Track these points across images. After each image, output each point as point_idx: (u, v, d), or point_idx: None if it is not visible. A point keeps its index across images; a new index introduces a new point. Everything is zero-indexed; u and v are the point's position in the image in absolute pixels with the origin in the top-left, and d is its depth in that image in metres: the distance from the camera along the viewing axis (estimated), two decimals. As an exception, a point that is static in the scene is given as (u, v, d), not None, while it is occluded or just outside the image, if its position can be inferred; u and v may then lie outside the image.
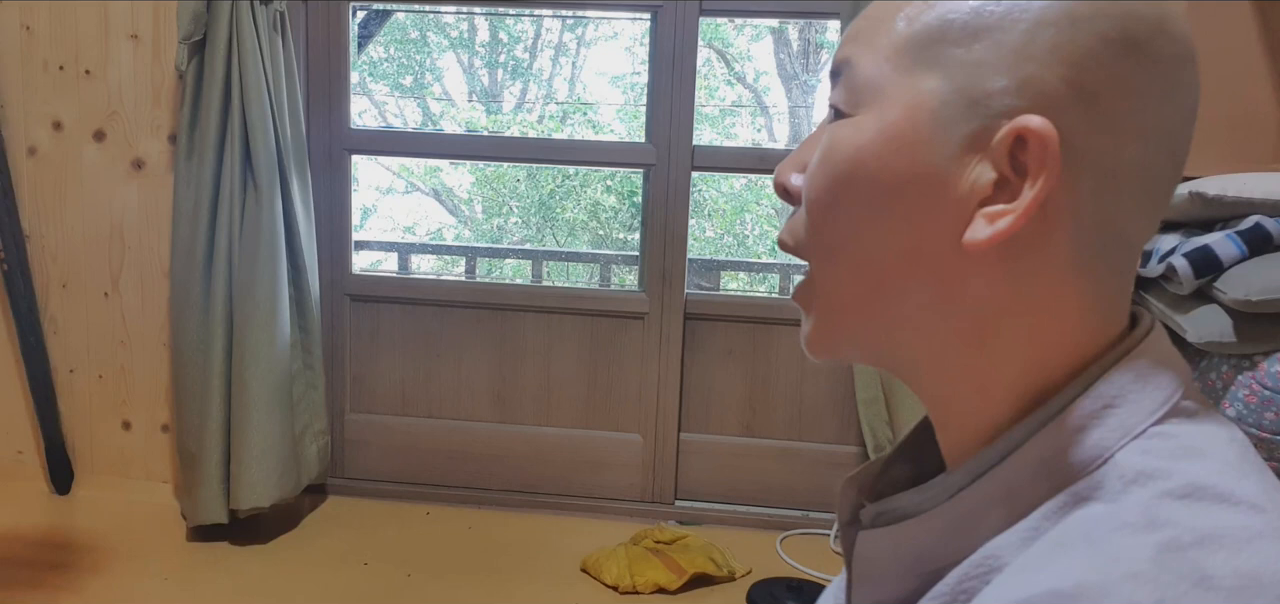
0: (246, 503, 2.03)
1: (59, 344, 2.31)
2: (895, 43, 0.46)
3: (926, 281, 0.46)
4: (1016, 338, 0.45)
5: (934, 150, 0.45)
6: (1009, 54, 0.43)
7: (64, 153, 2.23)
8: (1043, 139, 0.42)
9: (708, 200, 7.03)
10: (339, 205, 2.31)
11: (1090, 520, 0.40)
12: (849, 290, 0.49)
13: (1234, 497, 0.39)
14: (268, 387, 2.05)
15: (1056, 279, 0.45)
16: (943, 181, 0.45)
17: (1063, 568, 0.38)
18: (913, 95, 0.45)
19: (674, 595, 1.92)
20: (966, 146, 0.44)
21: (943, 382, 0.48)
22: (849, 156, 0.47)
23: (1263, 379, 1.24)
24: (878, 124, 0.46)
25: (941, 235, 0.45)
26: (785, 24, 6.69)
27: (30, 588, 1.87)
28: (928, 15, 0.46)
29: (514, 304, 2.33)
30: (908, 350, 0.49)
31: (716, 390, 2.31)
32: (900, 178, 0.46)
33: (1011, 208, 0.43)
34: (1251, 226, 1.33)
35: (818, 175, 0.49)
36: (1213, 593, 0.35)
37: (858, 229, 0.47)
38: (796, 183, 0.52)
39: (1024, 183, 0.43)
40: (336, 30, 2.24)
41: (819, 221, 0.49)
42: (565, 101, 7.57)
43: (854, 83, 0.48)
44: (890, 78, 0.46)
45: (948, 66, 0.45)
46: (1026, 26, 0.43)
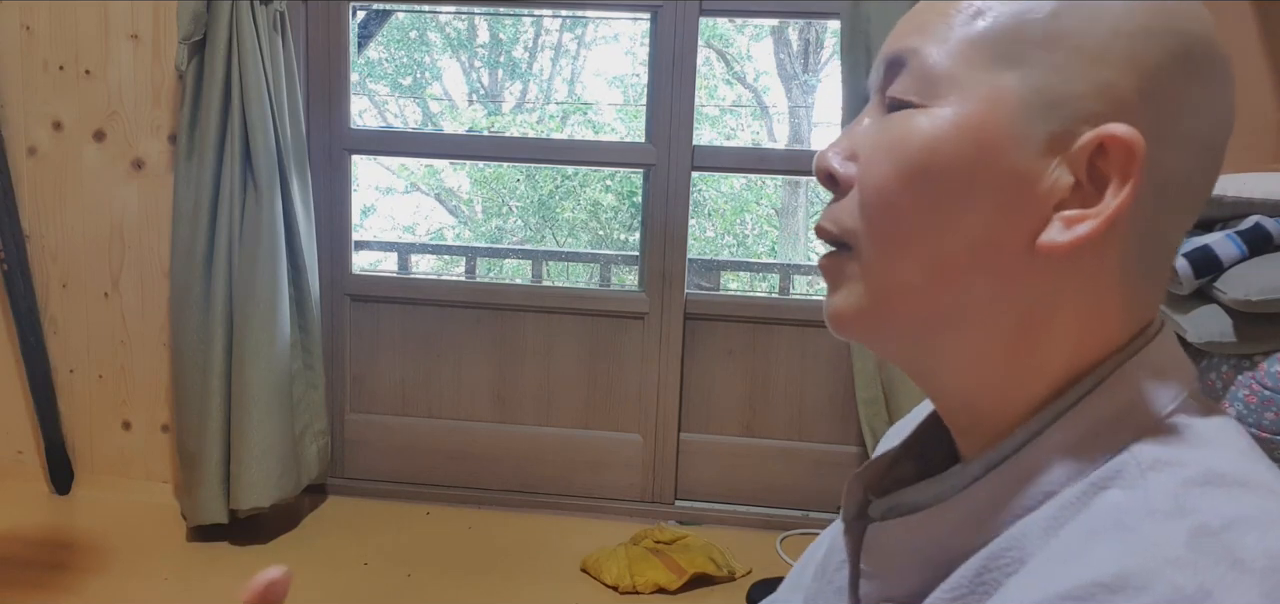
0: (246, 503, 2.03)
1: (59, 344, 2.31)
2: (970, 36, 0.46)
3: (990, 276, 0.46)
4: (1059, 337, 0.46)
5: (1014, 147, 0.44)
6: (1088, 59, 0.44)
7: (64, 153, 2.23)
8: (1130, 148, 0.43)
9: (708, 200, 7.03)
10: (339, 205, 2.31)
11: (1119, 508, 0.41)
12: (909, 278, 0.48)
13: (1251, 482, 0.41)
14: (268, 387, 2.05)
15: (1107, 283, 0.46)
16: (1021, 179, 0.45)
17: (1100, 557, 0.38)
18: (992, 90, 0.45)
19: (674, 595, 1.92)
20: (1047, 147, 0.44)
21: (977, 376, 0.48)
22: (923, 146, 0.46)
23: (1263, 379, 1.24)
24: (955, 116, 0.45)
25: (1014, 233, 0.45)
26: (785, 24, 6.69)
27: (30, 588, 1.87)
28: (1004, 10, 0.46)
29: (514, 304, 2.33)
30: (948, 345, 0.49)
31: (716, 390, 2.31)
32: (977, 171, 0.45)
33: (1092, 213, 0.44)
34: (1251, 227, 1.33)
35: (884, 163, 0.47)
36: (1248, 574, 0.36)
37: (926, 219, 0.46)
38: (844, 170, 0.50)
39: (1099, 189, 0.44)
40: (336, 30, 2.24)
41: (881, 210, 0.48)
42: (565, 102, 7.57)
43: (925, 74, 0.47)
44: (966, 71, 0.46)
45: (1027, 65, 0.44)
46: (1104, 33, 0.44)
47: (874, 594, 0.51)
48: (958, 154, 0.45)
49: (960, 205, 0.45)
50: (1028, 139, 0.44)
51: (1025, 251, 0.45)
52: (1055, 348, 0.46)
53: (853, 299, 0.50)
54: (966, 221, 0.46)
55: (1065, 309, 0.46)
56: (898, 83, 0.48)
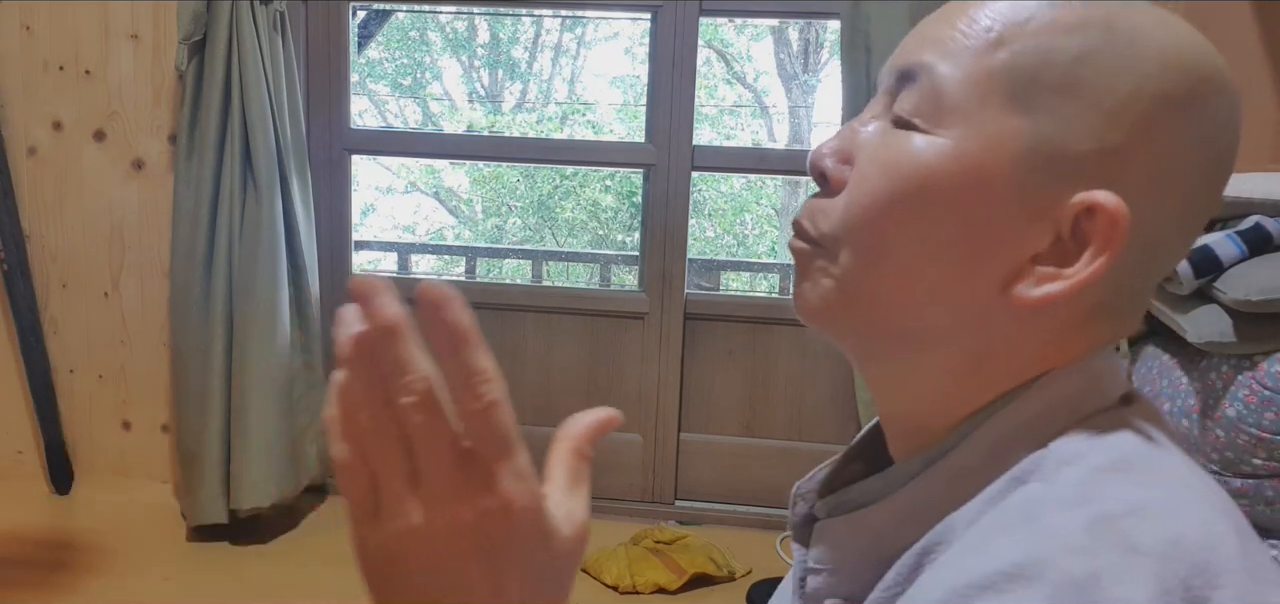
0: (246, 503, 2.03)
1: (59, 344, 2.31)
2: (987, 68, 0.45)
3: (954, 312, 0.47)
4: (1013, 364, 0.47)
5: (1005, 196, 0.44)
6: (1100, 118, 0.43)
7: (64, 153, 2.22)
8: (1115, 219, 0.42)
9: (708, 200, 7.03)
10: (339, 205, 2.31)
11: (1029, 500, 0.42)
12: (876, 291, 0.48)
13: (1160, 470, 0.42)
14: (268, 387, 2.05)
15: (1075, 328, 0.46)
16: (1006, 225, 0.45)
17: (1004, 547, 0.39)
18: (996, 133, 0.44)
19: (674, 595, 1.92)
20: (1036, 199, 0.44)
21: (927, 394, 0.49)
22: (918, 174, 0.46)
23: (1263, 379, 1.24)
24: (956, 151, 0.45)
25: (988, 276, 0.45)
26: (785, 24, 6.69)
27: (30, 588, 1.87)
28: (1027, 46, 0.44)
29: (514, 304, 2.33)
30: (908, 361, 0.49)
31: (716, 390, 2.31)
32: (965, 213, 0.45)
33: (1066, 274, 0.44)
34: (1251, 227, 1.33)
35: (877, 179, 0.47)
36: (1142, 559, 0.37)
37: (908, 245, 0.46)
38: (838, 172, 0.50)
39: (1080, 248, 0.44)
40: (336, 30, 2.24)
41: (866, 225, 0.47)
42: (565, 102, 7.57)
43: (935, 96, 0.46)
44: (975, 105, 0.45)
45: (1038, 112, 0.44)
46: (1123, 95, 0.43)
47: (822, 590, 0.51)
48: (951, 189, 0.45)
49: (943, 238, 0.46)
50: (1022, 189, 0.44)
51: (996, 294, 0.45)
52: (1005, 372, 0.47)
53: (820, 293, 0.50)
54: (946, 255, 0.46)
55: (1026, 348, 0.46)
56: (906, 98, 0.47)
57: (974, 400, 0.47)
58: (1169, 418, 1.36)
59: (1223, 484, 1.29)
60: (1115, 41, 0.43)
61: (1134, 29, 0.44)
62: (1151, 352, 1.47)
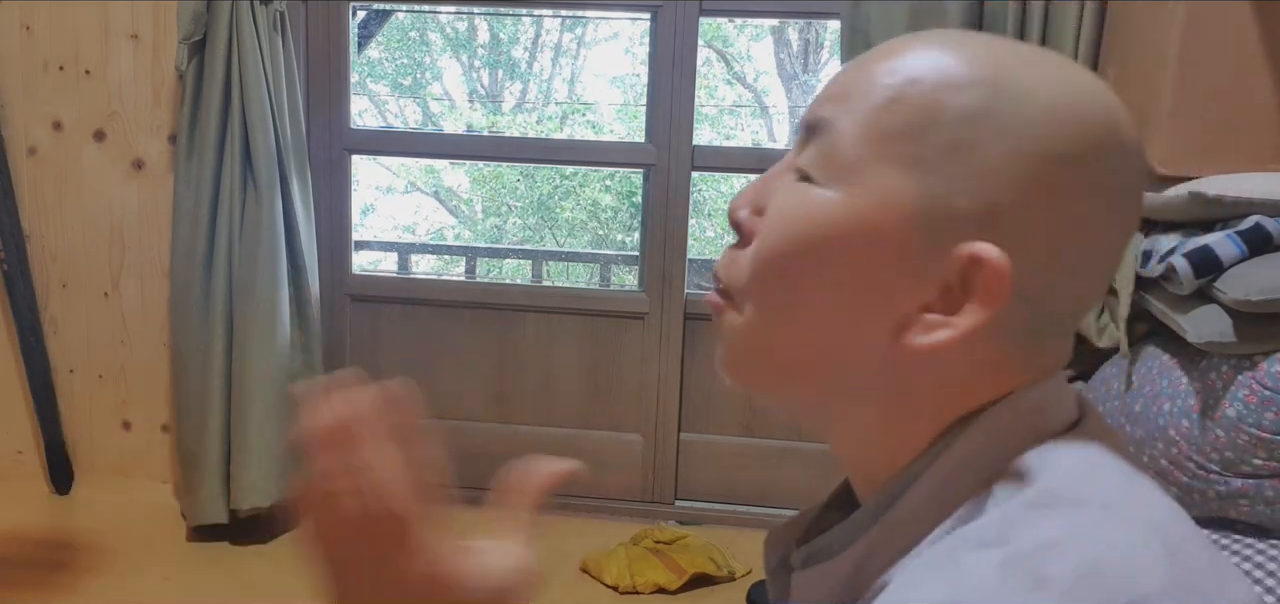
0: (246, 503, 2.03)
1: (59, 344, 2.31)
2: (880, 126, 0.46)
3: (855, 361, 0.48)
4: (930, 407, 0.47)
5: (894, 250, 0.45)
6: (985, 175, 0.44)
7: (64, 153, 2.22)
8: (997, 272, 0.43)
9: (708, 200, 7.03)
10: (339, 205, 2.31)
11: (954, 543, 0.42)
12: (779, 348, 0.50)
13: (1083, 497, 0.42)
14: (268, 387, 2.05)
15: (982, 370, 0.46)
16: (895, 278, 0.46)
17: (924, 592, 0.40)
18: (885, 191, 0.45)
19: (674, 595, 1.92)
20: (924, 253, 0.45)
21: (856, 440, 0.50)
22: (814, 230, 0.47)
23: (1263, 379, 1.24)
24: (848, 208, 0.46)
25: (881, 325, 0.46)
26: (785, 24, 6.69)
27: (30, 588, 1.87)
28: (916, 104, 0.45)
29: (514, 304, 2.33)
30: (821, 409, 0.51)
31: (716, 390, 2.31)
32: (855, 266, 0.46)
33: (952, 323, 0.45)
34: (1251, 227, 1.33)
35: (777, 236, 0.49)
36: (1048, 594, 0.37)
37: (804, 298, 0.48)
38: (749, 223, 0.51)
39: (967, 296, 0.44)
40: (336, 30, 2.24)
41: (768, 278, 0.49)
42: (565, 102, 7.57)
43: (831, 153, 0.47)
44: (868, 163, 0.46)
45: (924, 171, 0.45)
46: (1007, 151, 0.44)
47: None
48: (841, 243, 0.46)
49: (835, 292, 0.47)
50: (909, 243, 0.45)
51: (889, 343, 0.46)
52: (928, 414, 0.47)
53: (732, 356, 0.52)
54: (839, 307, 0.47)
55: (933, 388, 0.47)
56: (807, 152, 0.49)
57: (912, 444, 0.48)
58: (1169, 429, 1.36)
59: (1223, 484, 1.29)
60: (1001, 101, 0.44)
61: (1021, 87, 0.45)
62: (1151, 352, 1.47)
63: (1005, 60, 0.46)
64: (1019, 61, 0.46)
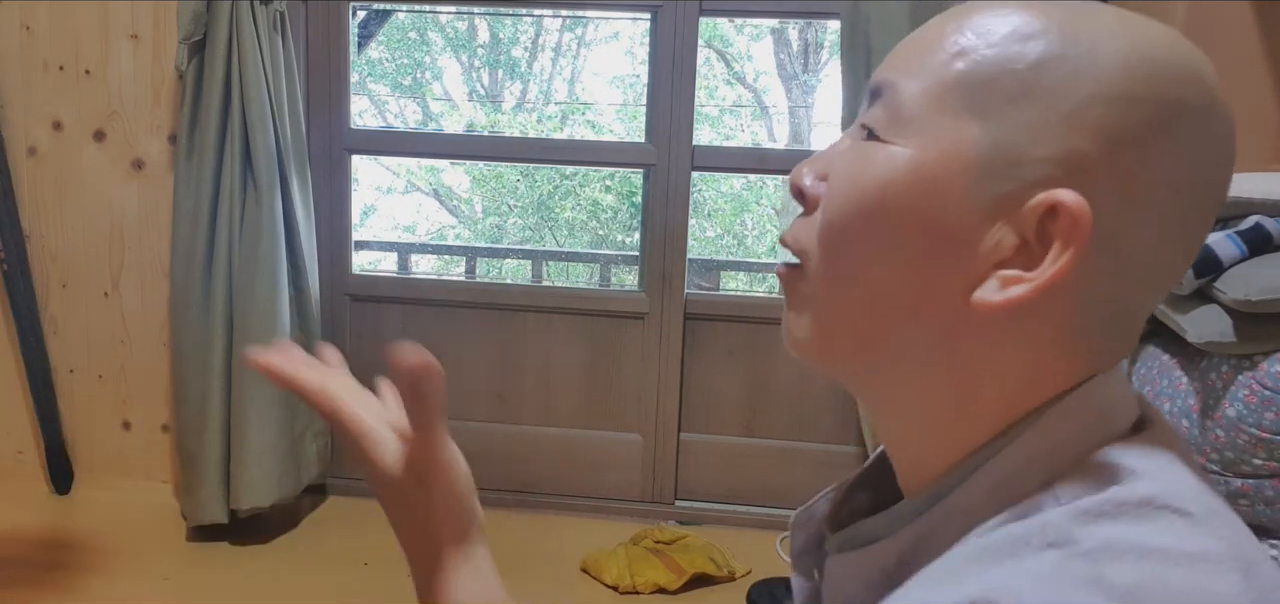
0: (246, 503, 2.03)
1: (59, 344, 2.31)
2: (945, 79, 0.45)
3: (927, 326, 0.46)
4: (997, 388, 0.46)
5: (963, 202, 0.44)
6: (1058, 122, 0.43)
7: (64, 153, 2.22)
8: (1076, 217, 0.42)
9: (708, 200, 7.03)
10: (339, 205, 2.31)
11: (1012, 537, 0.41)
12: (850, 315, 0.48)
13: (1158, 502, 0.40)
14: (268, 387, 2.04)
15: (1054, 347, 0.45)
16: (966, 234, 0.44)
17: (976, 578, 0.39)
18: (952, 140, 0.44)
19: (674, 595, 1.92)
20: (996, 205, 0.44)
21: (917, 418, 0.49)
22: (877, 187, 0.46)
23: (1263, 379, 1.24)
24: (912, 161, 0.45)
25: (953, 286, 0.45)
26: (785, 24, 6.69)
27: (30, 588, 1.87)
28: (985, 55, 0.44)
29: (514, 304, 2.33)
30: (888, 385, 0.49)
31: (716, 390, 2.31)
32: (924, 221, 0.45)
33: (1029, 277, 0.43)
34: (1251, 227, 1.33)
35: (842, 196, 0.48)
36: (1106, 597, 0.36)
37: (873, 259, 0.46)
38: (814, 189, 0.50)
39: (1046, 252, 0.43)
40: (336, 30, 2.24)
41: (834, 241, 0.48)
42: (565, 102, 7.57)
43: (895, 108, 0.46)
44: (933, 114, 0.45)
45: (993, 119, 0.44)
46: (1082, 98, 0.42)
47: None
48: (908, 201, 0.45)
49: (904, 252, 0.45)
50: (978, 195, 0.44)
51: (963, 305, 0.45)
52: (993, 398, 0.46)
53: (802, 328, 0.51)
54: (908, 268, 0.46)
55: (1003, 363, 0.45)
56: (872, 112, 0.48)
57: (972, 435, 0.46)
58: (1173, 423, 1.36)
59: (1223, 484, 1.29)
60: (1075, 47, 0.43)
61: (1096, 35, 0.43)
62: (1151, 352, 1.47)
63: (1078, 11, 0.44)
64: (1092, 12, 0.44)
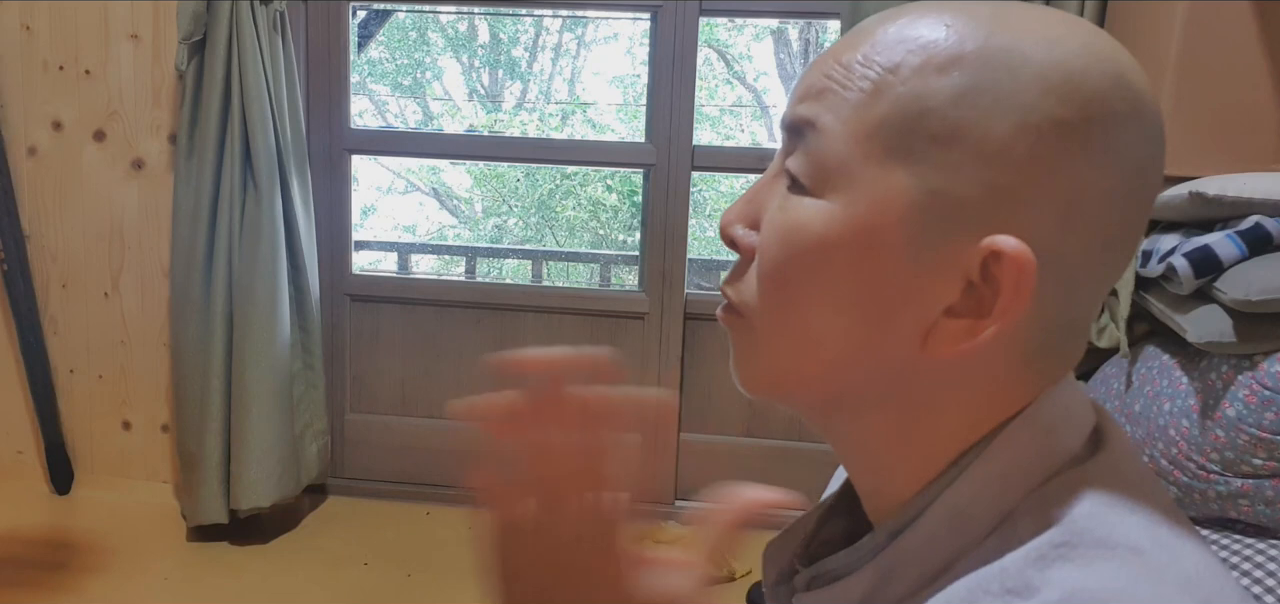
0: (246, 503, 2.03)
1: (59, 344, 2.31)
2: (866, 122, 0.43)
3: (877, 373, 0.45)
4: (953, 420, 0.45)
5: (902, 254, 0.42)
6: (986, 161, 0.41)
7: (64, 153, 2.22)
8: (1019, 265, 0.40)
9: (708, 200, 7.03)
10: (339, 205, 2.31)
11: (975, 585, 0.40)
12: (795, 364, 0.47)
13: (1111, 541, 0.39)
14: (268, 387, 2.05)
15: (1006, 373, 0.44)
16: (909, 285, 0.43)
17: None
18: (882, 192, 0.42)
19: (674, 595, 1.92)
20: (936, 254, 0.42)
21: (870, 452, 0.48)
22: (811, 247, 0.44)
23: (1263, 379, 1.24)
24: (845, 217, 0.43)
25: (901, 334, 0.44)
26: (785, 24, 6.69)
27: (30, 588, 1.87)
28: (902, 94, 0.42)
29: (514, 304, 2.33)
30: (839, 423, 0.49)
31: (716, 390, 2.31)
32: (864, 278, 0.43)
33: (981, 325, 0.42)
34: (1251, 226, 1.33)
35: (776, 253, 0.46)
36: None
37: (814, 315, 0.45)
38: (746, 239, 0.49)
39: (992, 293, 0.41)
40: (336, 30, 2.24)
41: (772, 296, 0.46)
42: (565, 102, 7.57)
43: (819, 158, 0.44)
44: (859, 164, 0.43)
45: (921, 165, 0.42)
46: (1006, 131, 0.40)
47: None
48: (845, 257, 0.43)
49: (846, 306, 0.44)
50: (916, 245, 0.42)
51: (913, 350, 0.43)
52: (947, 430, 0.45)
53: (749, 370, 0.50)
54: (854, 320, 0.44)
55: (955, 398, 0.44)
56: (795, 158, 0.46)
57: (926, 467, 0.45)
58: (1169, 429, 1.36)
59: (1223, 484, 1.29)
60: (992, 74, 0.41)
61: (1013, 56, 0.41)
62: (1151, 351, 1.47)
63: (991, 26, 0.42)
64: (1007, 25, 0.42)
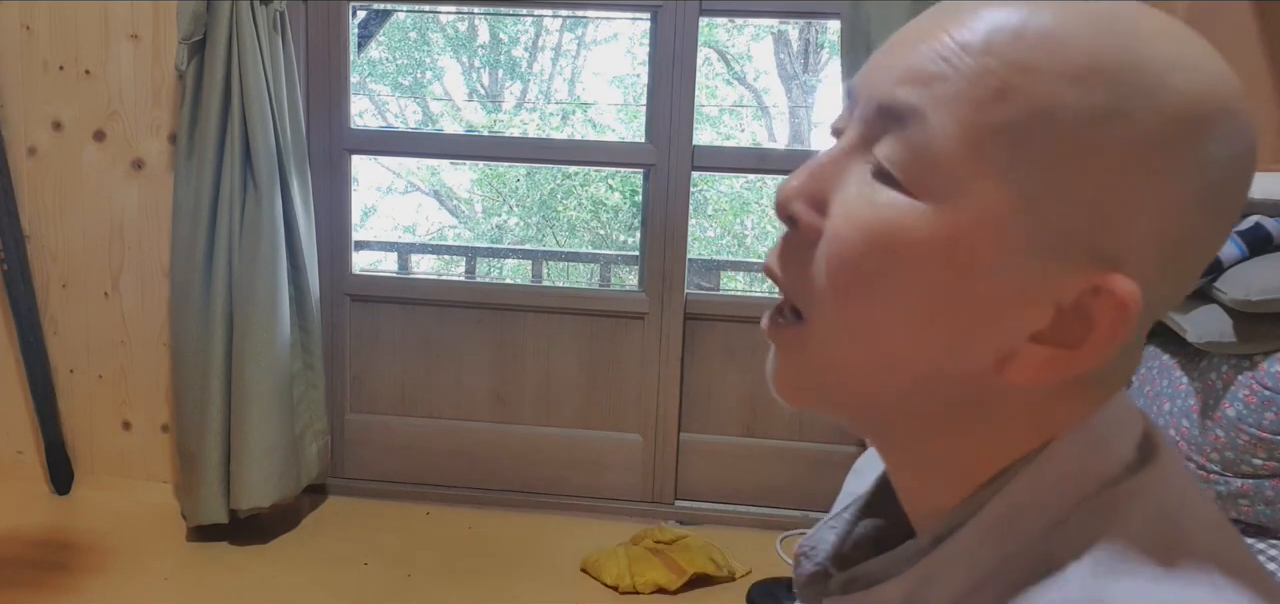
0: (246, 503, 2.03)
1: (59, 344, 2.31)
2: (985, 126, 0.38)
3: (942, 389, 0.43)
4: (1011, 434, 0.43)
5: (997, 274, 0.39)
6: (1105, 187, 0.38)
7: (64, 153, 2.22)
8: (1125, 305, 0.38)
9: (708, 200, 7.03)
10: (339, 205, 2.31)
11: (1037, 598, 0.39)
12: (854, 371, 0.44)
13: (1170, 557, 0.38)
14: (268, 387, 2.05)
15: (1072, 392, 0.42)
16: (997, 307, 0.40)
17: None
18: (989, 204, 0.39)
19: (674, 595, 1.92)
20: (1034, 279, 0.39)
21: (917, 460, 0.47)
22: (900, 247, 0.40)
23: (1263, 379, 1.23)
24: (943, 225, 0.39)
25: (978, 356, 0.41)
26: (785, 24, 6.69)
27: (30, 588, 1.87)
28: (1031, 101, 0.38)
29: (514, 304, 2.33)
30: (894, 432, 0.47)
31: (716, 390, 2.31)
32: (952, 293, 0.40)
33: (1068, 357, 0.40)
34: (1251, 226, 1.33)
35: (855, 247, 0.41)
36: None
37: (887, 322, 0.42)
38: (809, 219, 0.44)
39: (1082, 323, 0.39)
40: (336, 30, 2.24)
41: (843, 292, 0.42)
42: (565, 102, 7.57)
43: (922, 154, 0.40)
44: (969, 171, 0.39)
45: (1035, 182, 0.38)
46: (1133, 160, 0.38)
47: None
48: (938, 265, 0.40)
49: (930, 317, 0.41)
50: (1014, 266, 0.39)
51: (988, 372, 0.41)
52: (1005, 441, 0.43)
53: (794, 372, 0.46)
54: (934, 335, 0.41)
55: (1019, 414, 0.43)
56: (890, 145, 0.41)
57: (977, 473, 0.44)
58: (1169, 429, 1.36)
59: (1223, 484, 1.29)
60: (1128, 96, 0.37)
61: (1150, 75, 0.38)
62: (1152, 351, 1.47)
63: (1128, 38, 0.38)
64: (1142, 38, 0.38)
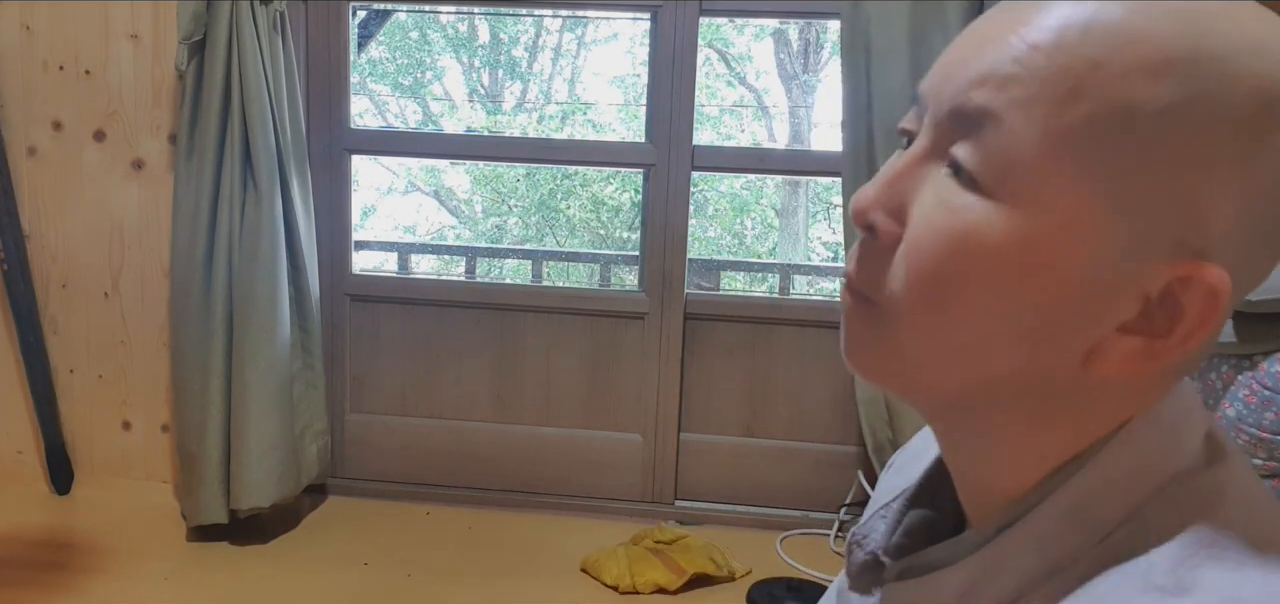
0: (246, 503, 2.03)
1: (59, 344, 2.31)
2: (1065, 128, 0.38)
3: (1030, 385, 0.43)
4: (1087, 424, 0.43)
5: (1082, 272, 0.39)
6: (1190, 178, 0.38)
7: (64, 153, 2.22)
8: (1215, 294, 0.38)
9: (708, 200, 7.03)
10: (339, 205, 2.31)
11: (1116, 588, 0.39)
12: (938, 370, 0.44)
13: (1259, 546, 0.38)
14: (268, 387, 2.05)
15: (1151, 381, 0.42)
16: (1083, 304, 0.40)
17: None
18: (1071, 204, 0.39)
19: (674, 595, 1.92)
20: (1120, 273, 0.39)
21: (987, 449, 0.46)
22: (982, 252, 0.40)
23: (1263, 379, 1.24)
24: (1025, 228, 0.39)
25: (1063, 351, 0.41)
26: (785, 24, 6.69)
27: (30, 588, 1.87)
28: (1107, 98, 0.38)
29: (514, 304, 2.33)
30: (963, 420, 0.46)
31: (716, 390, 2.31)
32: (1037, 293, 0.40)
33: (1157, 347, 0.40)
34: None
35: (937, 256, 0.42)
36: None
37: (972, 325, 0.42)
38: (886, 226, 0.44)
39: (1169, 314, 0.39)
40: (336, 30, 2.24)
41: (926, 300, 0.42)
42: (565, 102, 7.57)
43: (1002, 158, 0.40)
44: (1049, 172, 0.39)
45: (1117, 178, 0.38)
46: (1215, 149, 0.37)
47: None
48: (1022, 268, 0.40)
49: (1015, 317, 0.41)
50: (1101, 262, 0.39)
51: (1074, 366, 0.41)
52: (1080, 431, 0.43)
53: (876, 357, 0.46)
54: (1020, 334, 0.41)
55: (1098, 405, 0.43)
56: (967, 149, 0.41)
57: (1047, 462, 0.44)
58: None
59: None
60: (1204, 85, 0.37)
61: (1224, 63, 0.37)
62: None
63: (1202, 25, 0.38)
64: (1216, 25, 0.38)
